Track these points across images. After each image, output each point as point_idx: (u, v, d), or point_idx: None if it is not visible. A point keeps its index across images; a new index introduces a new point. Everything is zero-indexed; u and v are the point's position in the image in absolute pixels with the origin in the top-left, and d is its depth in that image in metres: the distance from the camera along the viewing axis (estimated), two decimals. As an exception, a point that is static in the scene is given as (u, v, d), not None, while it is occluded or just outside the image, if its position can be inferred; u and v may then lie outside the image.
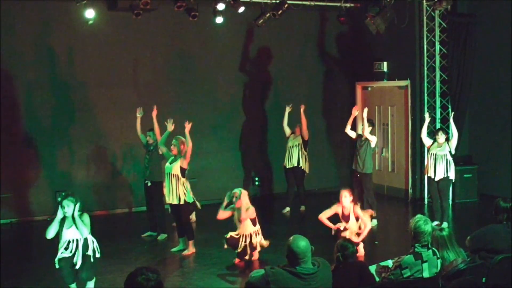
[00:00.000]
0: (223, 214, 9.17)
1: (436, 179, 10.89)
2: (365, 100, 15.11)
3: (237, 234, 9.00)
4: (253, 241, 8.99)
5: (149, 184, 10.68)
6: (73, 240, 7.55)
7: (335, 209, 9.33)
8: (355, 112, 11.47)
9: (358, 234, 9.20)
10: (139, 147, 11.44)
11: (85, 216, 7.62)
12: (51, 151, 12.55)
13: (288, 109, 12.64)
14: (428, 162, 11.04)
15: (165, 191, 9.68)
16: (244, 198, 9.05)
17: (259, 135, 14.45)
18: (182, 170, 9.51)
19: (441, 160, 10.85)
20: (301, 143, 12.52)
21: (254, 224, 9.07)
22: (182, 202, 9.51)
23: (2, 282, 8.33)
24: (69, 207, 7.57)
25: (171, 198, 9.55)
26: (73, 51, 12.62)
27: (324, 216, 9.29)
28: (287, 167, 12.62)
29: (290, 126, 12.71)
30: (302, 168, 12.57)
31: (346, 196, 9.18)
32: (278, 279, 4.97)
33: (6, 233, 11.36)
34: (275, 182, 14.21)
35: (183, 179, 9.53)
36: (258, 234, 9.10)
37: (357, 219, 9.27)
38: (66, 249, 7.57)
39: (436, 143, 11.03)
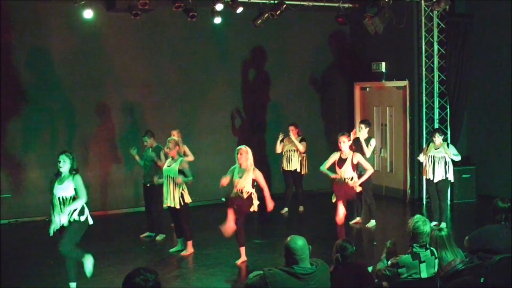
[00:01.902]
0: (225, 180, 9.10)
1: (435, 180, 10.85)
2: (364, 100, 15.13)
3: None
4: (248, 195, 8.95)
5: (148, 185, 10.69)
6: (60, 198, 7.56)
7: (333, 157, 9.48)
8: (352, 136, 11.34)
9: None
10: (138, 148, 11.40)
11: (77, 176, 7.64)
12: (50, 151, 12.53)
13: (280, 137, 12.62)
14: (426, 164, 10.97)
15: (164, 193, 9.66)
16: (249, 156, 9.03)
17: (258, 136, 14.45)
18: (181, 172, 9.50)
19: (439, 162, 10.78)
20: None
21: (253, 186, 9.01)
22: (178, 206, 9.50)
23: (2, 282, 8.33)
24: (65, 163, 7.58)
25: (169, 201, 9.54)
26: (72, 51, 12.61)
27: (324, 168, 9.49)
28: (286, 169, 12.61)
29: (283, 129, 12.76)
30: (301, 172, 12.58)
31: (344, 142, 9.36)
32: (276, 280, 4.97)
33: (6, 234, 11.34)
34: (273, 182, 14.20)
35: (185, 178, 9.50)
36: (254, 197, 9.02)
37: (356, 166, 9.27)
38: (54, 210, 7.57)
39: (432, 145, 10.96)
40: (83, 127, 12.81)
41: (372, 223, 11.36)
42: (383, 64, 14.22)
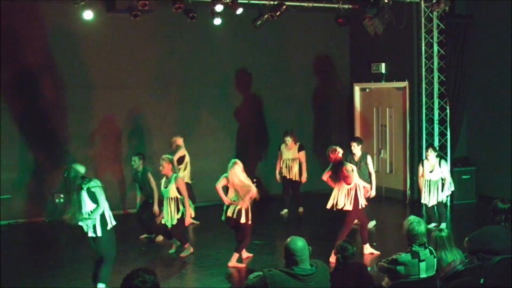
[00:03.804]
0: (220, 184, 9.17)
1: (430, 205, 10.78)
2: (363, 101, 15.13)
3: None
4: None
5: (150, 201, 10.68)
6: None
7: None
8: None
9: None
10: (137, 148, 11.40)
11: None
12: (49, 152, 12.55)
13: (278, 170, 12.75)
14: (423, 189, 10.87)
15: (163, 213, 9.62)
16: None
17: (257, 136, 14.46)
18: (179, 190, 9.47)
19: (435, 185, 10.74)
20: (298, 158, 12.51)
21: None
22: (174, 223, 9.49)
23: (2, 282, 8.32)
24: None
25: (169, 221, 9.51)
26: (71, 52, 12.60)
27: (326, 176, 9.37)
28: (286, 176, 12.57)
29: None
30: (301, 180, 12.60)
31: (340, 152, 9.30)
32: (275, 280, 4.97)
33: (5, 234, 11.33)
34: (272, 183, 14.19)
35: (182, 196, 9.46)
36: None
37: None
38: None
39: (427, 165, 10.78)
40: (82, 128, 12.80)
41: (372, 223, 11.35)
42: (383, 65, 14.22)
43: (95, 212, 7.50)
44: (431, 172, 10.79)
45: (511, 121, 12.75)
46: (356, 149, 11.00)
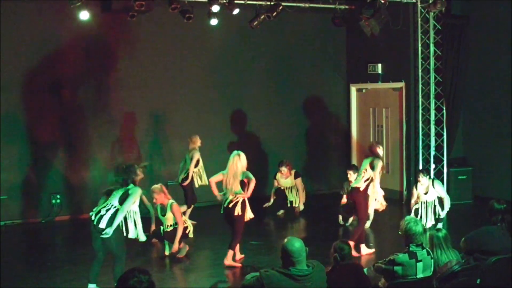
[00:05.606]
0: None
1: (427, 226, 10.71)
2: (360, 102, 15.15)
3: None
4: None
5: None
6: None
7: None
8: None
9: None
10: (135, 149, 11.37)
11: None
12: (47, 152, 12.53)
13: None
14: (412, 211, 10.78)
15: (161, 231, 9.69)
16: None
17: (256, 136, 14.46)
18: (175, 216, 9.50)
19: (431, 206, 10.70)
20: (295, 185, 12.62)
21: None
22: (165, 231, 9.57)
23: (2, 282, 8.32)
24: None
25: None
26: (67, 52, 12.58)
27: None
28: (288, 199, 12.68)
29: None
30: (299, 208, 12.66)
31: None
32: (272, 281, 4.98)
33: (1, 235, 11.31)
34: (270, 183, 14.19)
35: (184, 218, 9.54)
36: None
37: None
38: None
39: (421, 188, 10.67)
40: (81, 128, 12.78)
41: (368, 222, 11.35)
42: (380, 65, 14.24)
43: (117, 214, 7.55)
44: (426, 194, 10.74)
45: (508, 121, 12.79)
46: (353, 177, 10.96)
